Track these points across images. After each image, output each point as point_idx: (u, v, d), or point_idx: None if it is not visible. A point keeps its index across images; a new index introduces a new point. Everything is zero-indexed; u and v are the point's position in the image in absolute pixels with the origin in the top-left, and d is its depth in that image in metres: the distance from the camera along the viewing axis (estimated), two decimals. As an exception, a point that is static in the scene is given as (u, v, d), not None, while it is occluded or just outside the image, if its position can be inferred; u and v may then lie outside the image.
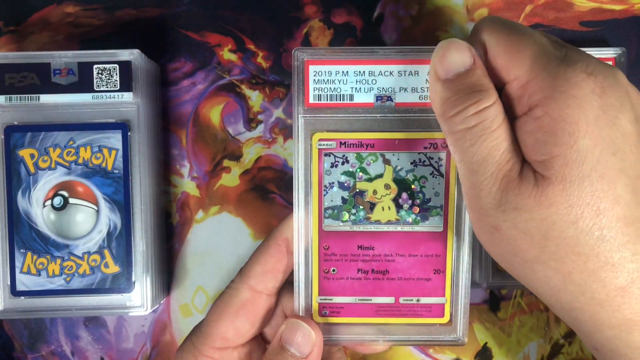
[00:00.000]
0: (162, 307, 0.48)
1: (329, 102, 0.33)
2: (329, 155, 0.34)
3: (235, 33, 0.48)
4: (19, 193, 0.41)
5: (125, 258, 0.41)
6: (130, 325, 0.48)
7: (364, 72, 0.33)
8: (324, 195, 0.34)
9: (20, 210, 0.41)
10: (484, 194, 0.28)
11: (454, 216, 0.34)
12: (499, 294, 0.48)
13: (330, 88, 0.33)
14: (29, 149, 0.41)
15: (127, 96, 0.41)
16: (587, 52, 0.45)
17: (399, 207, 0.34)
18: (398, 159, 0.34)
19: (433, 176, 0.34)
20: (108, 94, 0.41)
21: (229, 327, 0.35)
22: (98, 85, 0.41)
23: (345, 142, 0.34)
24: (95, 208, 0.41)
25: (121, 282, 0.41)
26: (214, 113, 0.48)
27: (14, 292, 0.41)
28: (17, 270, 0.41)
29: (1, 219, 0.41)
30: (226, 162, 0.48)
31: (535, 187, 0.27)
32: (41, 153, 0.41)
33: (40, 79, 0.40)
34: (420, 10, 0.48)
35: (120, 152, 0.41)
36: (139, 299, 0.42)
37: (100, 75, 0.40)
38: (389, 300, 0.35)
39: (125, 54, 0.41)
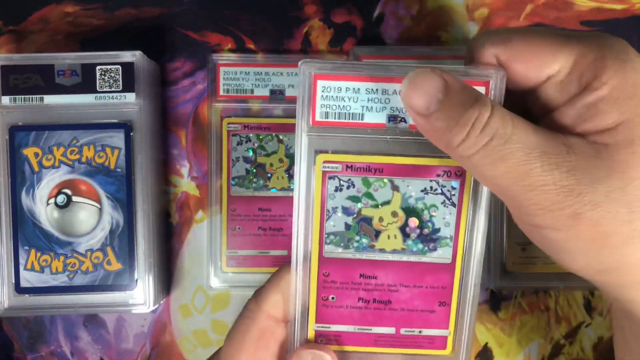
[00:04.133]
0: (162, 307, 0.51)
1: (336, 120, 0.33)
2: (334, 179, 0.34)
3: (235, 33, 0.51)
4: (23, 191, 0.44)
5: (127, 255, 0.45)
6: (129, 326, 0.51)
7: (376, 90, 0.32)
8: (326, 220, 0.34)
9: (24, 208, 0.44)
10: (548, 189, 0.28)
11: (463, 247, 0.34)
12: (500, 294, 0.51)
13: (339, 106, 0.32)
14: (33, 148, 0.44)
15: (130, 97, 0.45)
16: None
17: (405, 236, 0.34)
18: (408, 186, 0.33)
19: (444, 205, 0.34)
20: (111, 94, 0.44)
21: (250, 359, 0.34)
22: (101, 86, 0.44)
23: (352, 166, 0.33)
24: (98, 206, 0.45)
25: (124, 280, 0.45)
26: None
27: (18, 289, 0.45)
28: (21, 267, 0.44)
29: (5, 217, 0.44)
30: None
31: (599, 158, 0.27)
32: (45, 152, 0.44)
33: (44, 80, 0.44)
34: (421, 9, 0.51)
35: (123, 152, 0.45)
36: (141, 296, 0.45)
37: (103, 77, 0.44)
38: (390, 330, 0.35)
39: (128, 56, 0.44)
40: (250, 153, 0.50)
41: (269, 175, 0.50)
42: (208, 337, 0.51)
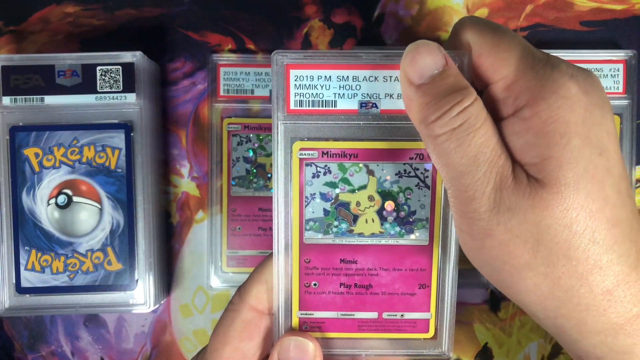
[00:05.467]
0: (162, 307, 0.52)
1: (310, 108, 0.33)
2: (311, 165, 0.34)
3: (235, 33, 0.51)
4: (24, 191, 0.45)
5: (128, 256, 0.45)
6: (130, 326, 0.52)
7: (347, 77, 0.33)
8: (305, 206, 0.34)
9: (25, 208, 0.45)
10: (477, 195, 0.28)
11: (439, 229, 0.35)
12: (500, 294, 0.51)
13: (312, 94, 0.33)
14: (33, 148, 0.45)
15: (130, 97, 0.45)
16: (599, 53, 0.47)
17: (383, 219, 0.35)
18: (383, 170, 0.34)
19: (419, 188, 0.34)
20: (111, 95, 0.45)
21: (235, 352, 0.34)
22: (101, 87, 0.45)
23: (327, 152, 0.34)
24: (99, 206, 0.45)
25: (124, 279, 0.45)
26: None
27: (19, 289, 0.45)
28: (22, 267, 0.45)
29: (6, 217, 0.45)
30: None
31: (529, 187, 0.28)
32: (45, 152, 0.45)
33: (45, 81, 0.44)
34: (421, 10, 0.51)
35: (124, 152, 0.45)
36: (141, 296, 0.45)
37: (103, 77, 0.45)
38: (372, 315, 0.35)
39: (128, 56, 0.45)
40: (251, 153, 0.50)
41: (269, 175, 0.50)
42: (208, 337, 0.52)
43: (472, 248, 0.30)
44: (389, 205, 0.35)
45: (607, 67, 0.48)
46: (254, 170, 0.50)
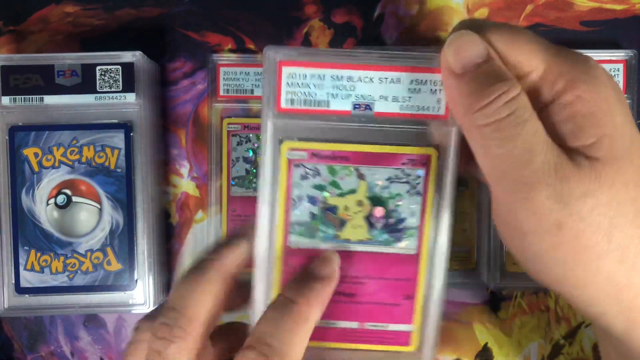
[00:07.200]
0: (162, 307, 0.52)
1: (301, 107, 0.32)
2: (299, 167, 0.33)
3: (235, 33, 0.51)
4: (23, 191, 0.45)
5: (127, 256, 0.45)
6: (129, 326, 0.52)
7: (342, 77, 0.32)
8: (292, 209, 0.33)
9: (24, 208, 0.45)
10: (541, 187, 0.27)
11: (429, 238, 0.33)
12: (500, 294, 0.51)
13: (304, 92, 0.32)
14: (33, 148, 0.45)
15: (130, 97, 0.45)
16: (599, 53, 0.48)
17: (371, 225, 0.33)
18: (374, 175, 0.33)
19: (410, 194, 0.33)
20: (111, 94, 0.45)
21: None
22: (101, 87, 0.45)
23: (317, 153, 0.33)
24: (98, 206, 0.45)
25: (124, 280, 0.45)
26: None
27: (18, 289, 0.45)
28: (21, 267, 0.45)
29: (5, 217, 0.45)
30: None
31: (592, 169, 0.27)
32: (45, 152, 0.45)
33: (44, 81, 0.44)
34: (421, 10, 0.51)
35: (123, 152, 0.45)
36: (141, 296, 0.45)
37: (103, 77, 0.45)
38: (353, 325, 0.34)
39: (128, 56, 0.45)
40: (250, 153, 0.50)
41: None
42: (208, 337, 0.52)
43: (542, 249, 0.29)
44: (378, 211, 0.33)
45: (607, 67, 0.48)
46: (254, 170, 0.50)
